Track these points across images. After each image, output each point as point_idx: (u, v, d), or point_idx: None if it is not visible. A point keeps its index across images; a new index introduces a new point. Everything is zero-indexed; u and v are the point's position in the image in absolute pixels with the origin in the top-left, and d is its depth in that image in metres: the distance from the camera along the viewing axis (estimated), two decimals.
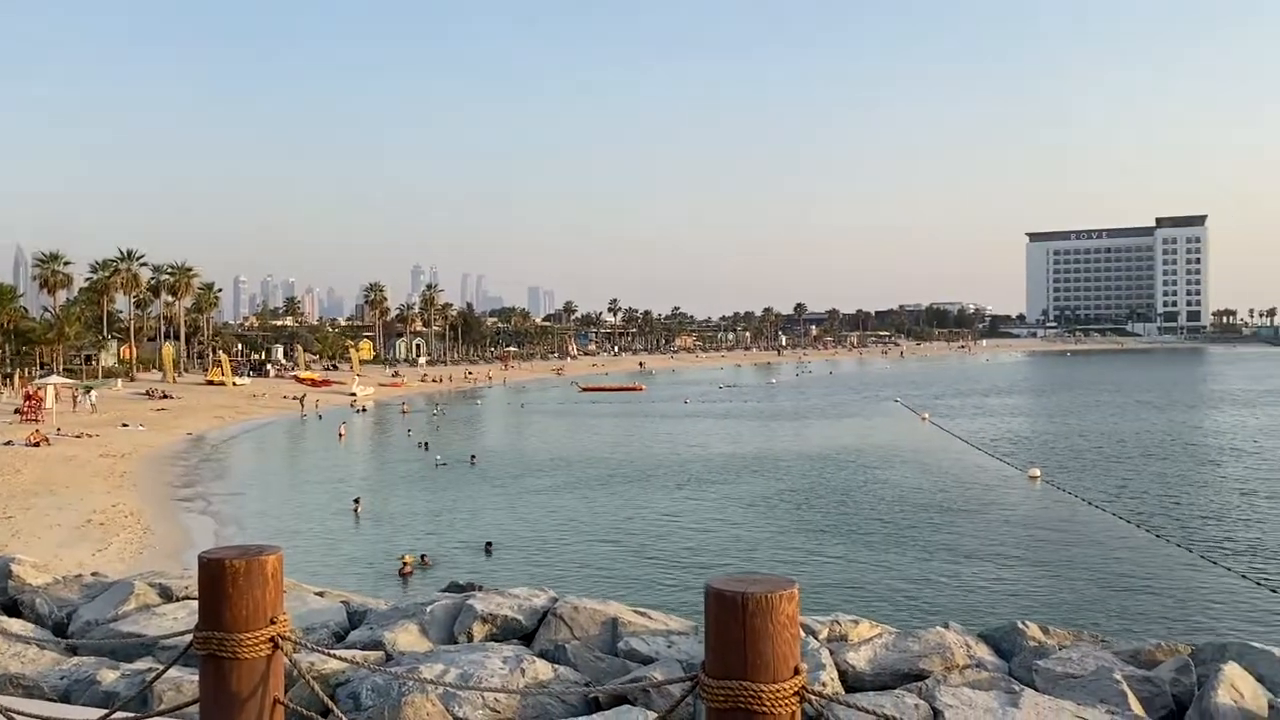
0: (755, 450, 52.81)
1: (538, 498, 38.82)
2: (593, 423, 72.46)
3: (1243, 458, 47.21)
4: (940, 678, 6.15)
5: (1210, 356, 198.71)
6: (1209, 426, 63.46)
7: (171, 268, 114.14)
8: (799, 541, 30.05)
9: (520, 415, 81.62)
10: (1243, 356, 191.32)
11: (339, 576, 24.84)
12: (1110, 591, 23.76)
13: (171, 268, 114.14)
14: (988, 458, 48.10)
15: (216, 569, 3.45)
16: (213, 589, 3.45)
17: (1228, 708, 5.74)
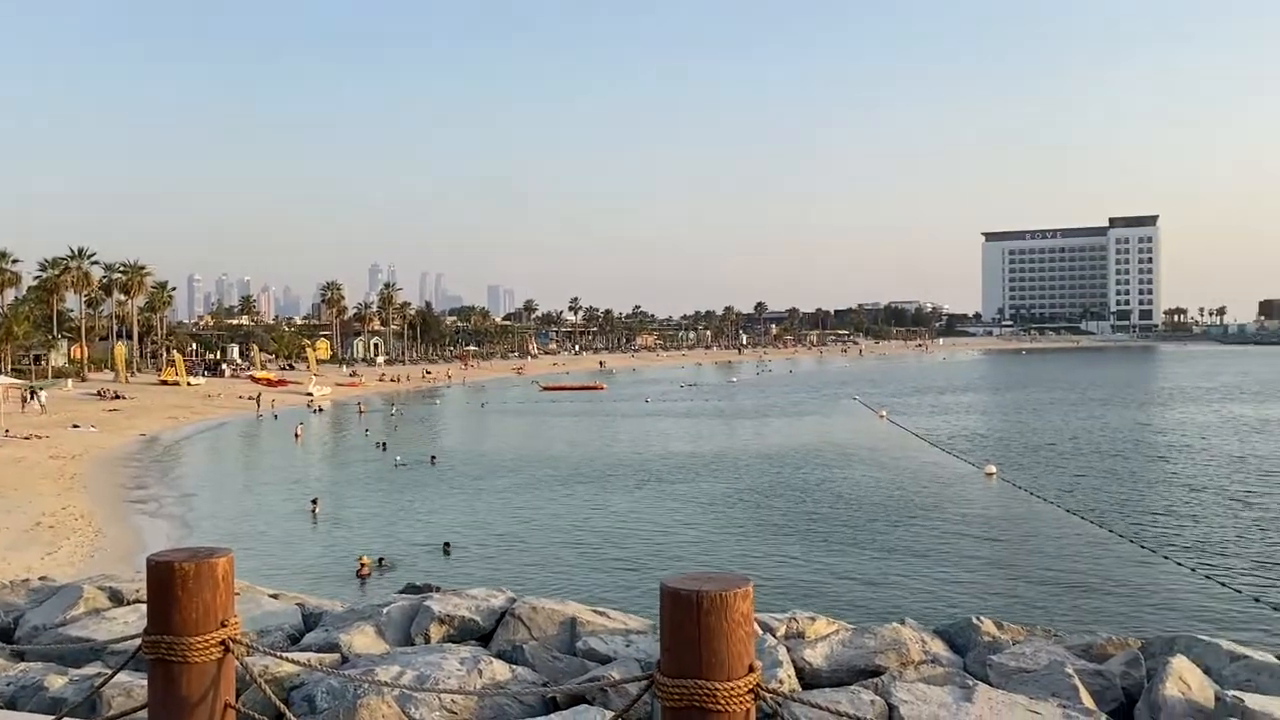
0: (715, 449, 52.98)
1: (497, 498, 38.67)
2: (553, 422, 72.31)
3: (1192, 454, 48.12)
4: (896, 673, 6.21)
5: (1162, 354, 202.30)
6: (1159, 423, 64.61)
7: (124, 266, 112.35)
8: (758, 540, 30.20)
9: (480, 415, 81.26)
10: (1193, 354, 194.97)
11: (295, 578, 24.57)
12: (1064, 586, 24.10)
13: (124, 266, 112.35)
14: (945, 455, 48.62)
15: (165, 572, 3.40)
16: (161, 592, 3.40)
17: (1175, 700, 5.84)
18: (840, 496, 37.12)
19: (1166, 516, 32.64)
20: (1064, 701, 5.73)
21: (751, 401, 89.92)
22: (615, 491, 39.49)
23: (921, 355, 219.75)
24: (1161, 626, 19.66)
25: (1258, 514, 32.37)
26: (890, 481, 40.37)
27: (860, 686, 5.87)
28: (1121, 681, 6.30)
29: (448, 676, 5.81)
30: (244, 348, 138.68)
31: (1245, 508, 33.54)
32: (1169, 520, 32.00)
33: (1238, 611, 21.85)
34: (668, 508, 35.72)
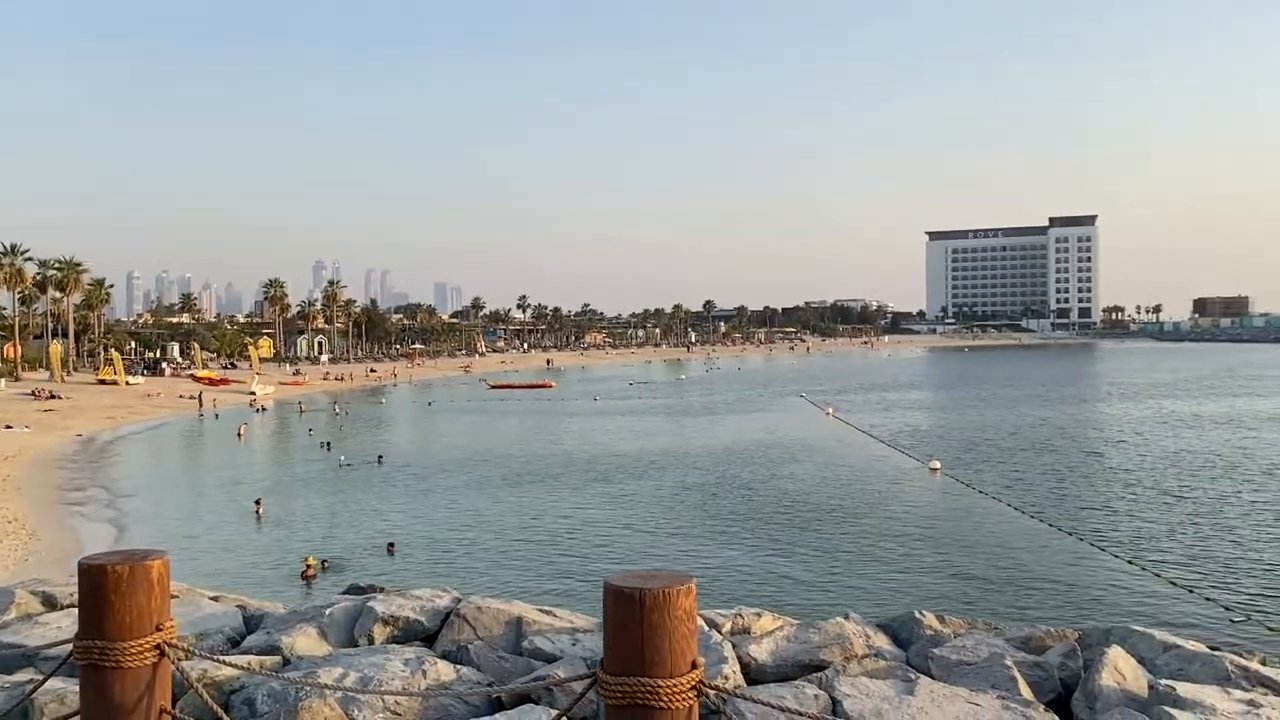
0: (663, 447, 53.10)
1: (444, 497, 38.41)
2: (501, 421, 71.99)
3: (1128, 449, 49.23)
4: (840, 668, 6.27)
5: (1100, 351, 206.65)
6: (1097, 419, 65.99)
7: (59, 263, 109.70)
8: (706, 537, 30.33)
9: (427, 414, 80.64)
10: (1130, 351, 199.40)
11: (239, 580, 24.21)
12: (1005, 579, 24.54)
13: (59, 263, 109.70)
14: (890, 450, 49.22)
15: (98, 575, 3.33)
16: (94, 596, 3.33)
17: (1111, 689, 5.97)
18: (787, 493, 37.41)
19: (1104, 510, 33.36)
20: (1003, 693, 5.83)
21: (700, 399, 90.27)
22: (563, 490, 39.42)
23: (867, 353, 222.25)
24: (1098, 618, 20.09)
25: (1190, 508, 33.21)
26: (837, 478, 40.77)
27: (804, 681, 5.91)
28: (1059, 673, 6.42)
29: (391, 678, 5.75)
30: (185, 346, 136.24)
31: (1178, 502, 34.39)
32: (1106, 514, 32.71)
33: (1171, 602, 22.40)
34: (616, 506, 35.74)
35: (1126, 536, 29.11)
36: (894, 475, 41.47)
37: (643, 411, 77.64)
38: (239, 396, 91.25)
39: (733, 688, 5.59)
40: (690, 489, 38.81)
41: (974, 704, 5.55)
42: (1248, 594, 22.85)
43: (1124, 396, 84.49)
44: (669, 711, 2.77)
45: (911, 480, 40.23)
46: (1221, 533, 29.26)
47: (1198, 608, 21.89)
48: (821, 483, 39.59)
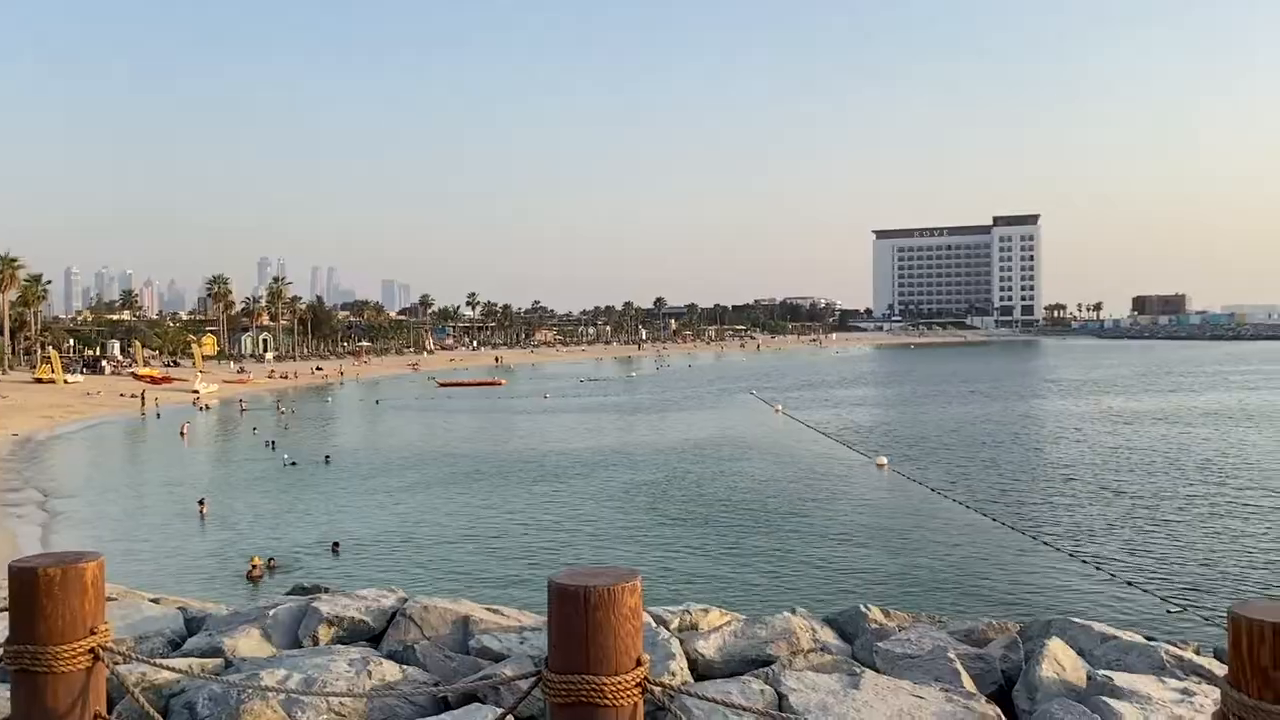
0: (613, 444, 53.10)
1: (391, 496, 38.07)
2: (450, 419, 71.51)
3: (1069, 445, 50.18)
4: (786, 662, 6.31)
5: (1043, 348, 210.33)
6: (1039, 415, 67.17)
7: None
8: (655, 534, 30.39)
9: (375, 412, 79.85)
10: (1071, 348, 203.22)
11: (182, 581, 23.80)
12: (950, 573, 24.89)
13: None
14: (838, 446, 49.68)
15: (28, 578, 3.25)
16: (24, 600, 3.25)
17: (1051, 680, 6.08)
18: (737, 489, 37.61)
19: (1045, 505, 33.97)
20: (946, 685, 5.91)
21: (650, 396, 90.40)
22: (512, 488, 39.26)
23: (816, 350, 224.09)
24: (1040, 611, 20.46)
25: (1128, 502, 33.94)
26: (785, 474, 41.06)
27: (751, 676, 5.95)
28: (1001, 664, 6.53)
29: (336, 678, 5.69)
30: (125, 344, 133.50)
31: (1117, 496, 35.13)
32: (1047, 508, 33.31)
33: (1111, 595, 22.88)
34: (566, 504, 35.68)
35: (1067, 530, 29.67)
36: (841, 471, 41.87)
37: (593, 409, 77.58)
38: (182, 395, 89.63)
39: (679, 684, 5.60)
40: (640, 486, 38.86)
41: (917, 697, 5.62)
42: (1183, 586, 23.41)
43: (1065, 393, 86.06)
44: (613, 709, 2.76)
45: (858, 476, 40.64)
46: (1158, 526, 29.94)
47: (1136, 600, 22.38)
48: (770, 479, 39.85)
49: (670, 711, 3.02)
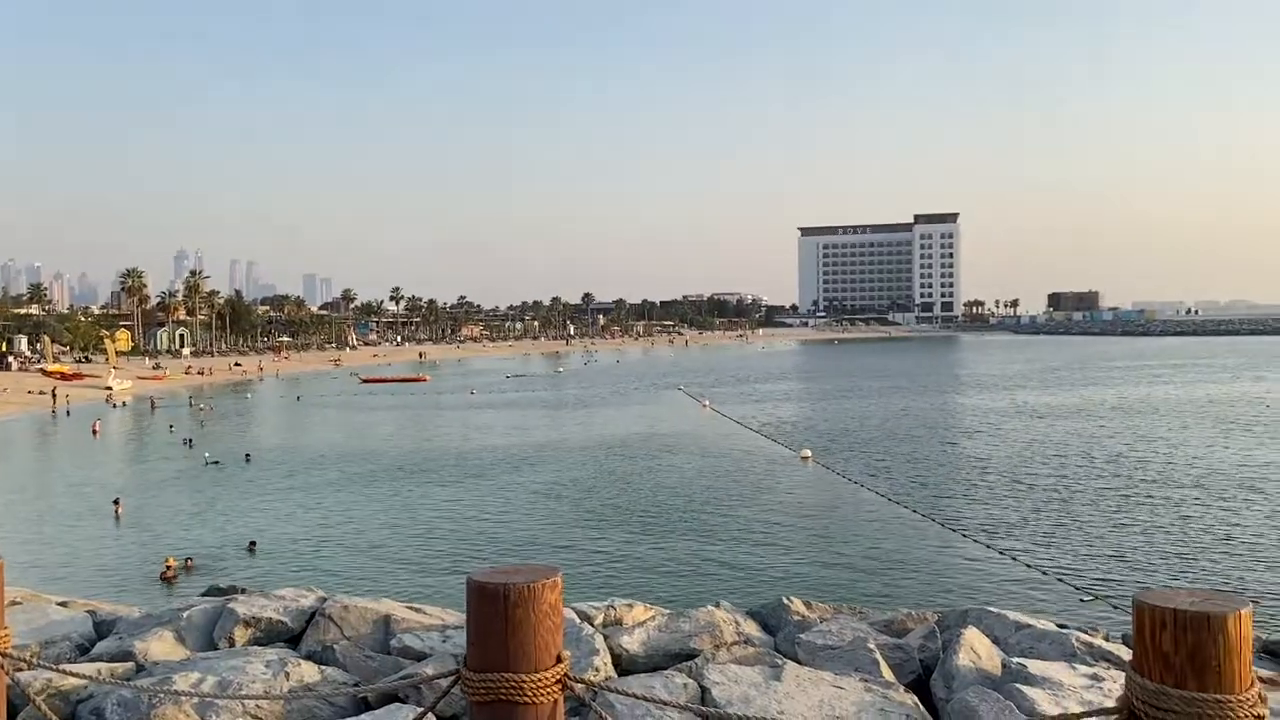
0: (540, 441, 52.90)
1: (312, 494, 37.41)
2: (372, 416, 70.52)
3: (984, 438, 51.36)
4: (709, 656, 6.35)
5: (961, 344, 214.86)
6: (957, 409, 68.63)
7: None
8: (581, 530, 30.35)
9: (295, 409, 78.37)
10: (989, 344, 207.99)
11: (95, 584, 23.11)
12: (871, 564, 25.30)
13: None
14: (763, 441, 50.16)
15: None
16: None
17: (967, 668, 6.21)
18: (663, 485, 37.74)
19: (963, 497, 34.73)
20: (866, 675, 6.01)
21: (578, 392, 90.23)
22: (435, 486, 38.87)
23: (743, 345, 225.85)
24: (958, 600, 20.91)
25: (1042, 494, 34.86)
26: (712, 469, 41.33)
27: (675, 670, 5.97)
28: (919, 654, 6.66)
29: (252, 681, 5.57)
30: (34, 339, 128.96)
31: (1031, 489, 36.05)
32: (965, 500, 34.06)
33: (1025, 584, 23.48)
34: (490, 501, 35.43)
35: (984, 522, 30.37)
36: (767, 465, 42.29)
37: (520, 405, 77.17)
38: (94, 392, 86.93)
39: (602, 680, 5.60)
40: (567, 483, 38.77)
41: (838, 687, 5.70)
42: (1094, 575, 24.12)
43: (982, 387, 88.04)
44: (533, 706, 2.75)
45: (783, 469, 41.09)
46: (1070, 518, 30.81)
47: (1050, 588, 23.00)
48: (697, 474, 40.08)
49: (591, 708, 3.01)
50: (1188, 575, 23.91)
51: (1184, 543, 27.15)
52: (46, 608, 7.67)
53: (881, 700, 5.61)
